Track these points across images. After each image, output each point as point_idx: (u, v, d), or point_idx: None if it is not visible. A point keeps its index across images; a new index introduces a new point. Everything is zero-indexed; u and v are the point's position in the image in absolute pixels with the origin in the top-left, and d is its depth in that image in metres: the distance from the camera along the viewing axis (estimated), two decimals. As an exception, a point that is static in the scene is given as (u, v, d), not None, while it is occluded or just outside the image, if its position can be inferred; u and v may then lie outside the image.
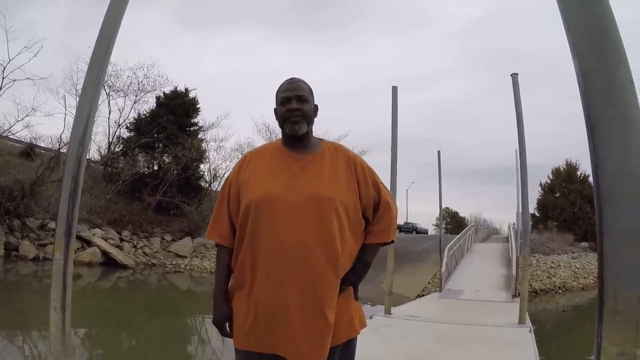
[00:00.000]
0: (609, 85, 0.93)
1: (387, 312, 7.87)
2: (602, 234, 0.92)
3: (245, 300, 1.88)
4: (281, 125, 2.01)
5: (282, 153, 2.00)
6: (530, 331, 6.66)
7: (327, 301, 1.81)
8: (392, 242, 2.06)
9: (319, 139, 2.10)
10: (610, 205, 0.91)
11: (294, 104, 1.96)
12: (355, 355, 1.99)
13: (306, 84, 2.05)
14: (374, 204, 1.99)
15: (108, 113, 29.80)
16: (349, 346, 1.93)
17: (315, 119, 2.07)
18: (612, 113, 0.93)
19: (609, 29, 0.96)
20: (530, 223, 25.02)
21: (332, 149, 2.05)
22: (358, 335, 1.98)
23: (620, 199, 0.91)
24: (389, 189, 2.14)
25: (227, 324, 1.96)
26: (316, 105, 2.08)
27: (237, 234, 1.94)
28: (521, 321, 7.33)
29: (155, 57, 73.68)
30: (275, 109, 2.05)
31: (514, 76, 7.76)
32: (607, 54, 0.95)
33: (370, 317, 7.60)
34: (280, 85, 2.04)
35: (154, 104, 29.99)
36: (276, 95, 2.04)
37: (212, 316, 2.00)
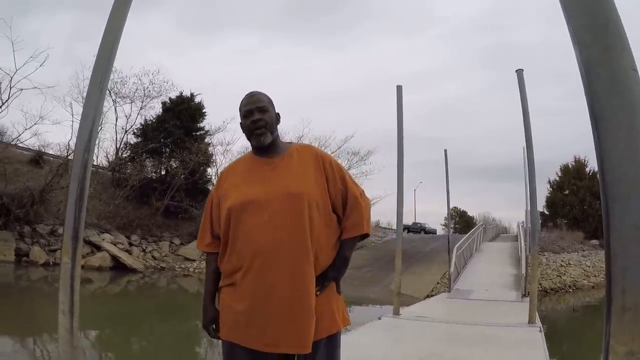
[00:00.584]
0: (612, 75, 0.91)
1: (396, 312, 7.84)
2: (609, 229, 0.89)
3: (231, 296, 2.00)
4: (248, 137, 2.15)
5: (254, 161, 2.17)
6: (540, 331, 6.61)
7: (306, 292, 1.91)
8: (368, 235, 2.15)
9: (287, 142, 2.26)
10: (617, 198, 0.89)
11: (256, 115, 2.09)
12: (364, 357, 2.04)
13: (265, 95, 2.19)
14: (343, 199, 2.08)
15: (115, 119, 29.96)
16: (332, 341, 2.02)
17: (278, 125, 2.20)
18: (617, 103, 0.90)
19: (610, 16, 0.93)
20: (540, 221, 24.86)
21: (300, 149, 2.19)
22: (365, 336, 2.04)
23: (627, 191, 0.88)
24: (358, 183, 2.25)
25: (214, 326, 2.09)
26: (278, 114, 2.21)
27: (222, 240, 2.08)
28: (531, 321, 7.27)
29: (160, 63, 73.81)
30: (241, 123, 2.18)
31: (519, 72, 7.71)
32: (610, 42, 0.92)
33: (379, 318, 7.58)
34: (241, 101, 2.17)
35: (160, 110, 30.11)
36: (239, 111, 2.18)
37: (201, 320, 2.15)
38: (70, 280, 2.11)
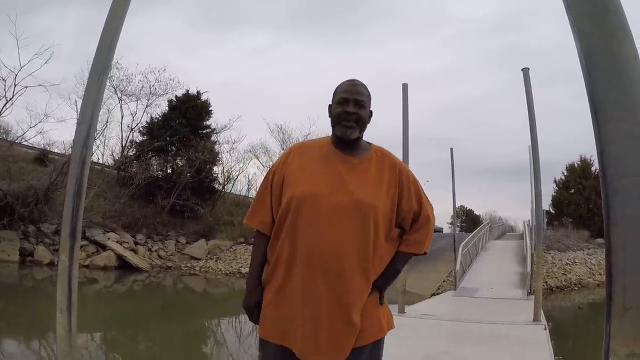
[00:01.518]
0: (613, 65, 0.87)
1: (401, 311, 7.82)
2: (610, 224, 0.86)
3: (276, 293, 1.90)
4: (333, 125, 2.00)
5: (331, 152, 1.99)
6: (545, 329, 6.58)
7: (355, 305, 1.83)
8: (425, 254, 2.05)
9: (367, 142, 2.08)
10: (617, 192, 0.85)
11: (351, 108, 1.94)
12: None
13: (366, 88, 2.02)
14: (414, 216, 1.98)
15: (121, 117, 29.93)
16: (377, 346, 1.94)
17: (368, 124, 2.04)
18: (618, 93, 0.86)
19: (611, 4, 0.89)
20: (545, 220, 24.69)
21: (379, 154, 2.04)
22: None
23: (629, 185, 0.84)
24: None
25: (257, 310, 1.97)
26: (371, 112, 2.05)
27: (276, 226, 1.94)
28: (536, 319, 7.26)
29: (166, 60, 73.57)
30: (329, 106, 2.04)
31: (525, 71, 7.68)
32: (611, 31, 0.88)
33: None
34: (341, 84, 2.02)
35: (166, 108, 30.01)
36: (334, 94, 2.03)
37: (243, 300, 2.02)
38: (68, 278, 2.09)
